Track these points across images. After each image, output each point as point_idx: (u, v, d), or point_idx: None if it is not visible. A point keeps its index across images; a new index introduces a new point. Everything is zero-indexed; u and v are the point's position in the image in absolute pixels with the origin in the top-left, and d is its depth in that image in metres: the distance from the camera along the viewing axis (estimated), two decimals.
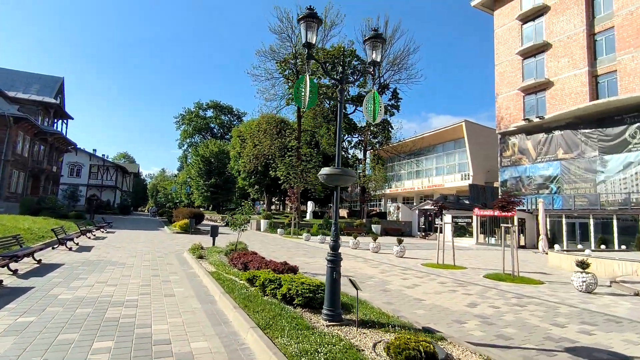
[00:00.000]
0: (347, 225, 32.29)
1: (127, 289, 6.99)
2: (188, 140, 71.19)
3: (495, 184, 32.50)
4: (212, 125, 72.91)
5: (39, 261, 9.27)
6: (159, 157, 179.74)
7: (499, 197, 20.59)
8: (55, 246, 12.21)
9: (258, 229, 30.42)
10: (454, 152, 40.63)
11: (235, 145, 46.24)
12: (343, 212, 50.53)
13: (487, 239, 27.39)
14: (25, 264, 8.93)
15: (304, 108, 5.71)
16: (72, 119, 43.87)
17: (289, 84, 38.25)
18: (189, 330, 4.76)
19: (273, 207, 56.36)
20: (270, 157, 38.30)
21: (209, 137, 66.55)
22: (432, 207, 24.67)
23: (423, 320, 5.69)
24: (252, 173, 43.67)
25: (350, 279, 5.16)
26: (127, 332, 4.57)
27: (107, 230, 22.45)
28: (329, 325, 4.76)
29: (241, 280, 7.57)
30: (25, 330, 4.41)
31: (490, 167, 34.91)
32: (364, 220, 33.57)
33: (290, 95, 38.78)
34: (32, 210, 28.45)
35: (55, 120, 41.36)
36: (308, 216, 40.14)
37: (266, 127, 38.43)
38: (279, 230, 27.14)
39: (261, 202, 66.69)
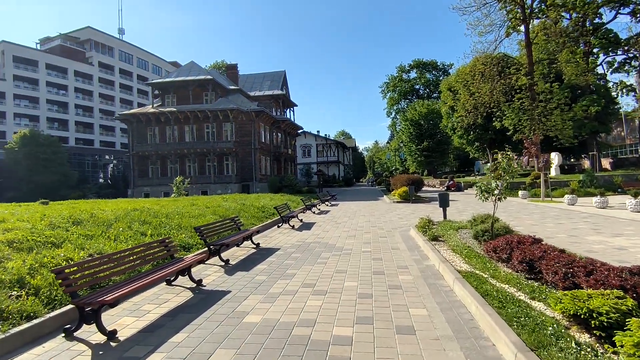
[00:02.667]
0: (626, 179, 22.16)
1: (338, 308, 4.46)
2: (395, 107, 69.79)
3: None
4: (417, 87, 68.61)
5: (257, 245, 8.42)
6: (372, 132, 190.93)
7: None
8: (279, 224, 11.85)
9: None
10: None
11: (447, 100, 40.67)
12: (604, 163, 36.60)
13: None
14: (244, 249, 8.20)
15: None
16: (297, 105, 49.59)
17: (508, 8, 29.44)
18: None
19: None
20: (492, 105, 31.00)
21: (415, 100, 62.85)
22: None
23: None
24: (470, 128, 37.29)
25: None
26: None
27: (331, 203, 22.81)
28: None
29: (544, 307, 3.79)
30: None
31: None
32: None
33: (511, 23, 29.87)
34: (276, 188, 33.10)
35: (285, 110, 47.77)
36: (553, 172, 30.64)
37: (483, 69, 31.18)
38: (520, 192, 20.89)
39: (482, 162, 58.22)
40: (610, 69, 31.72)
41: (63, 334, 3.85)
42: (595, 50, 31.19)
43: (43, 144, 41.63)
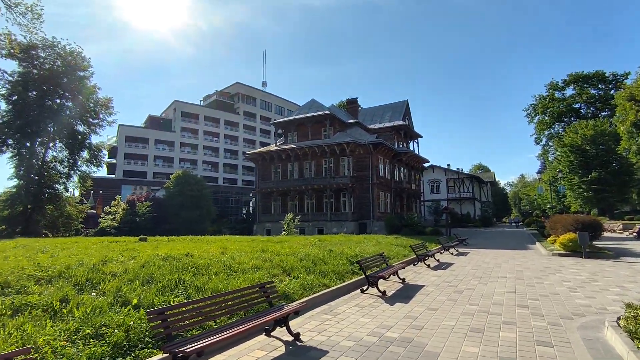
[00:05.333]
0: None
1: None
2: (547, 133, 57.86)
3: None
4: (577, 105, 55.63)
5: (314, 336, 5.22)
6: (515, 164, 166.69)
7: None
8: (364, 289, 8.31)
9: None
10: None
11: (627, 116, 30.47)
12: None
13: None
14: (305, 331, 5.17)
15: None
16: (421, 137, 45.33)
17: None
18: None
19: None
20: None
21: (575, 121, 50.65)
22: None
23: None
24: None
25: None
26: None
27: (459, 249, 17.81)
28: None
29: None
30: None
31: None
32: None
33: None
34: (395, 227, 29.17)
35: (408, 141, 44.05)
36: None
37: None
38: None
39: None
40: None
41: None
42: None
43: (192, 183, 47.81)
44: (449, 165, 60.86)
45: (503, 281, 9.39)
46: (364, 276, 8.30)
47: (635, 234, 24.21)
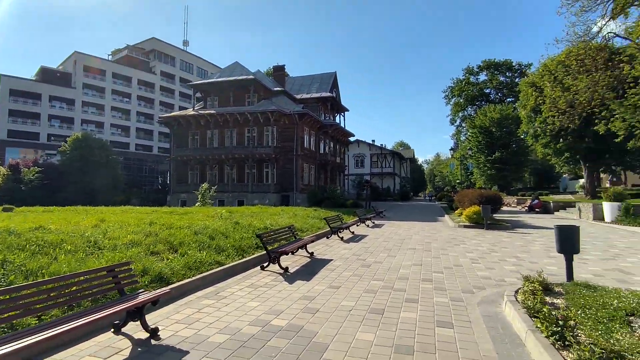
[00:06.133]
0: None
1: None
2: (461, 114, 62.31)
3: None
4: (488, 90, 60.51)
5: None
6: (433, 144, 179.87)
7: None
8: (265, 265, 7.37)
9: (599, 218, 18.11)
10: None
11: (528, 101, 33.46)
12: None
13: None
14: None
15: None
16: (348, 110, 45.26)
17: None
18: None
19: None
20: (593, 104, 23.63)
21: (485, 105, 55.12)
22: None
23: None
24: (559, 134, 29.88)
25: None
26: None
27: (376, 222, 17.94)
28: None
29: None
30: None
31: None
32: None
33: None
34: (316, 200, 28.85)
35: (334, 114, 43.70)
36: None
37: (584, 57, 24.18)
38: None
39: (567, 176, 48.53)
40: None
41: None
42: None
43: (94, 147, 42.10)
44: (373, 141, 62.59)
45: (411, 253, 9.19)
46: (265, 252, 7.30)
47: (526, 207, 27.13)
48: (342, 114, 45.33)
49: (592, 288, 5.09)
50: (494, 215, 17.07)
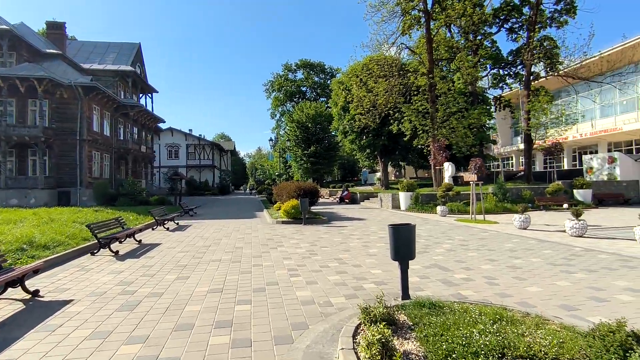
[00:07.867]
0: (534, 193, 20.14)
1: None
2: (280, 109, 63.95)
3: None
4: (304, 88, 64.14)
5: None
6: (256, 138, 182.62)
7: None
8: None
9: (396, 206, 20.16)
10: None
11: (338, 100, 36.23)
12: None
13: None
14: None
15: None
16: (157, 92, 38.73)
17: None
18: None
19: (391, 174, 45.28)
20: (388, 106, 27.00)
21: (302, 101, 58.13)
22: None
23: None
24: (363, 132, 33.40)
25: None
26: None
27: (180, 222, 14.60)
28: None
29: None
30: None
31: None
32: (560, 183, 20.68)
33: (407, 19, 26.50)
34: (107, 196, 22.81)
35: (138, 95, 36.62)
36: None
37: (383, 63, 27.23)
38: (439, 209, 16.31)
39: (369, 170, 56.56)
40: (494, 81, 31.38)
41: None
42: (482, 61, 30.41)
43: None
44: (190, 130, 56.94)
45: (213, 269, 6.68)
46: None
47: (338, 199, 28.87)
48: (150, 95, 38.52)
49: (437, 308, 3.81)
50: (312, 207, 16.50)
